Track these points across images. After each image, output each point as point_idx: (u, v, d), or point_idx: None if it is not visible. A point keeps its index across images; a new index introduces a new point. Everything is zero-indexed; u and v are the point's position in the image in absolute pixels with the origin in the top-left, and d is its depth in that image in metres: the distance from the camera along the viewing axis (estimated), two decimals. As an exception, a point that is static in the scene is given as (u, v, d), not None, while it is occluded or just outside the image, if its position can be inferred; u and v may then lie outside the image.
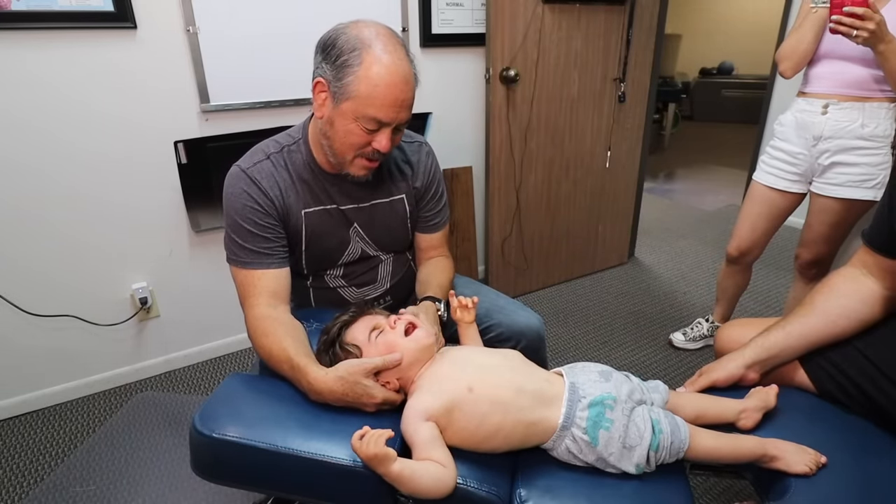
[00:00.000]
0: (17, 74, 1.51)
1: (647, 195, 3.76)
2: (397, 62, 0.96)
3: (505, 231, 2.41)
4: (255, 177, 1.06)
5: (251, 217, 1.05)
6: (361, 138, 1.01)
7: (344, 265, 1.19)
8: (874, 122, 1.45)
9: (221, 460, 0.83)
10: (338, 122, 1.01)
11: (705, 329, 2.05)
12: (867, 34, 1.27)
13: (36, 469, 1.57)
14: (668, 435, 0.83)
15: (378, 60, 0.95)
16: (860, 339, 0.99)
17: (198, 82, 1.73)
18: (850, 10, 1.26)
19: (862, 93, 1.45)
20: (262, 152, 1.10)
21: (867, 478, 0.84)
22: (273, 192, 1.07)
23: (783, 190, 1.64)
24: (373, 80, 0.95)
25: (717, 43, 6.82)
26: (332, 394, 0.87)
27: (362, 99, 0.96)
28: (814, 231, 1.63)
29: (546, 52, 2.20)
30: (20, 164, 1.58)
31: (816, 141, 1.52)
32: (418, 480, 0.76)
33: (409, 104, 1.01)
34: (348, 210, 1.14)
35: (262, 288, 1.05)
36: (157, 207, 1.80)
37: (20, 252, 1.65)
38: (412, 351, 0.90)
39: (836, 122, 1.48)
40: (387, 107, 0.97)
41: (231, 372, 1.99)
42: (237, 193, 1.06)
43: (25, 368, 1.77)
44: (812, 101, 1.53)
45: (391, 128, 1.01)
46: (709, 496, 1.45)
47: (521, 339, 1.16)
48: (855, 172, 1.49)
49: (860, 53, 1.39)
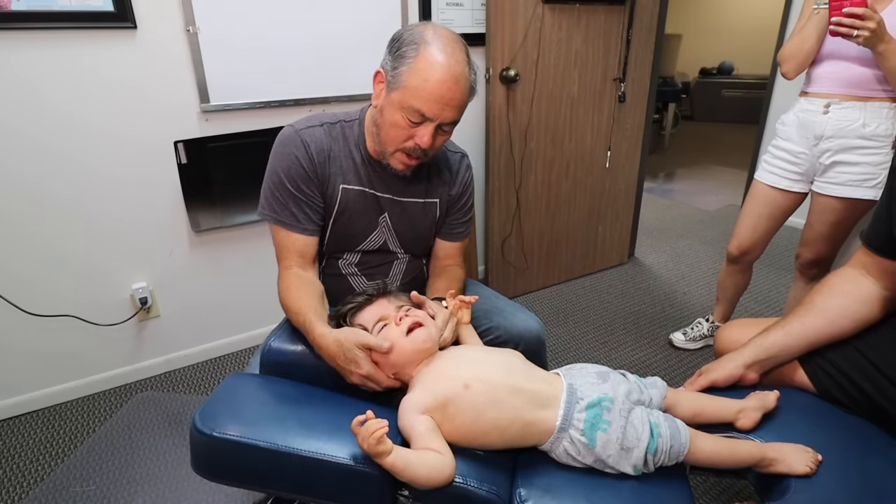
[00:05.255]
0: (17, 74, 1.51)
1: (647, 195, 3.76)
2: (451, 62, 0.99)
3: (505, 231, 2.41)
4: (306, 139, 1.10)
5: (295, 179, 1.10)
6: (405, 131, 1.03)
7: (362, 252, 1.21)
8: (875, 122, 1.45)
9: (222, 459, 0.83)
10: (386, 111, 1.04)
11: (705, 329, 2.05)
12: (868, 34, 1.27)
13: (36, 469, 1.57)
14: (667, 439, 0.83)
15: (432, 56, 0.98)
16: (859, 339, 1.00)
17: (198, 82, 1.73)
18: (850, 10, 1.26)
19: (863, 92, 1.45)
20: (318, 119, 1.14)
21: (866, 478, 0.84)
22: (319, 157, 1.11)
23: (785, 189, 1.64)
24: (423, 73, 0.98)
25: (717, 43, 6.82)
26: (327, 352, 0.93)
27: (410, 90, 0.99)
28: (815, 230, 1.63)
29: (546, 52, 2.20)
30: (20, 164, 1.58)
31: (818, 140, 1.53)
32: (413, 469, 0.77)
33: (456, 104, 1.02)
34: (383, 199, 1.17)
35: (296, 250, 1.12)
36: (157, 207, 1.81)
37: (20, 252, 1.65)
38: (407, 351, 0.90)
39: (838, 121, 1.48)
40: (432, 101, 0.99)
41: (231, 372, 2.00)
42: (286, 153, 1.10)
43: (25, 368, 1.77)
44: (814, 101, 1.53)
45: (434, 124, 1.02)
46: (709, 496, 1.45)
47: (520, 343, 1.15)
48: (856, 172, 1.49)
49: (862, 53, 1.39)
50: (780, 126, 1.65)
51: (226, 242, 1.96)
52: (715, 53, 6.85)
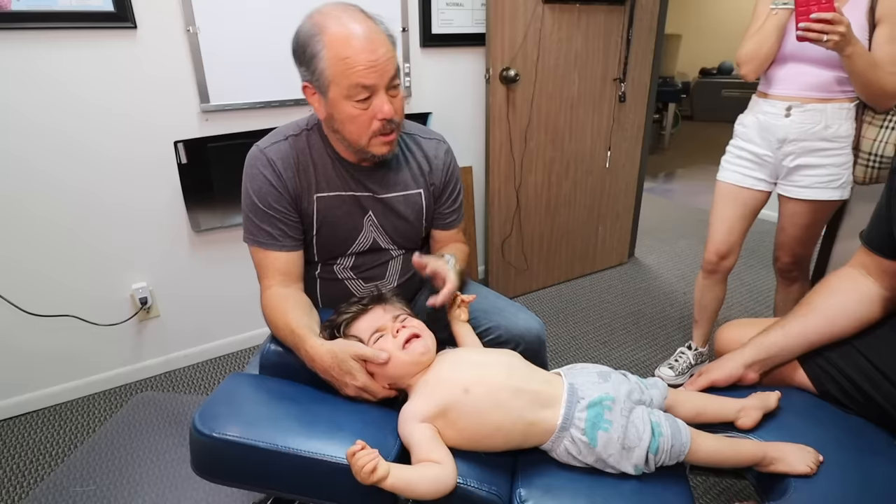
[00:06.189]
0: (17, 74, 1.51)
1: (647, 195, 3.76)
2: (356, 26, 0.96)
3: (505, 231, 2.41)
4: (272, 157, 1.09)
5: (266, 198, 1.09)
6: (363, 115, 1.01)
7: (355, 255, 1.20)
8: (837, 123, 1.44)
9: (221, 460, 0.83)
10: (336, 112, 1.02)
11: (691, 357, 1.93)
12: (837, 38, 1.24)
13: (36, 469, 1.57)
14: (668, 438, 0.83)
15: (337, 34, 0.96)
16: (859, 339, 1.00)
17: (198, 82, 1.73)
18: (819, 15, 1.22)
19: (825, 94, 1.43)
20: (282, 133, 1.13)
21: (866, 477, 0.84)
22: (287, 173, 1.09)
23: (751, 188, 1.62)
24: (341, 54, 0.96)
25: (717, 43, 6.81)
26: (321, 364, 0.92)
27: (341, 75, 0.97)
28: (787, 234, 1.62)
29: (546, 52, 2.20)
30: (20, 165, 1.58)
31: (781, 143, 1.51)
32: (414, 486, 0.76)
33: (386, 59, 0.99)
34: (364, 198, 1.15)
35: (276, 269, 1.11)
36: (157, 207, 1.81)
37: (20, 252, 1.65)
38: (404, 363, 0.90)
39: (801, 124, 1.46)
40: (365, 70, 0.96)
41: (231, 372, 1.99)
42: (254, 174, 1.09)
43: (25, 368, 1.77)
44: (774, 104, 1.51)
45: (382, 90, 1.00)
46: (709, 496, 1.45)
47: (521, 343, 1.14)
48: (822, 174, 1.48)
49: (824, 56, 1.37)
50: (740, 127, 1.63)
51: (226, 242, 1.96)
52: (715, 53, 6.84)
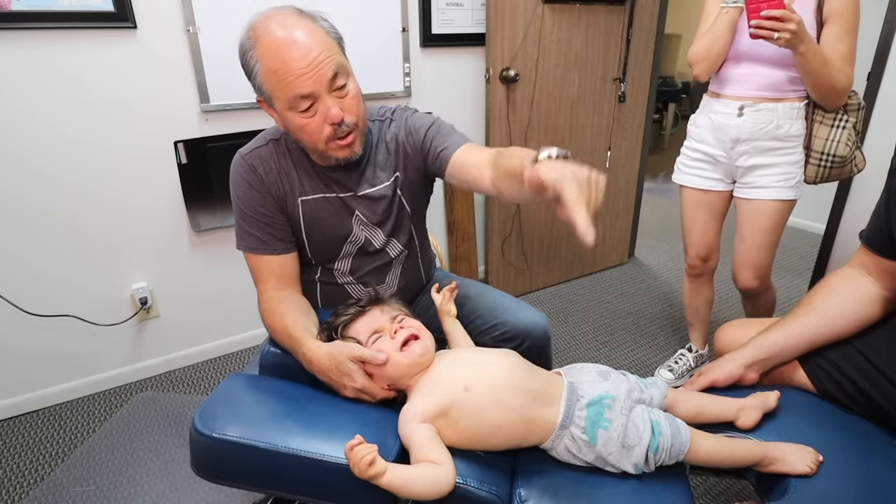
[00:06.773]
0: (17, 75, 1.51)
1: (647, 195, 3.76)
2: (284, 33, 0.92)
3: (505, 231, 2.41)
4: (254, 163, 1.08)
5: (252, 204, 1.08)
6: (312, 121, 0.97)
7: (351, 257, 1.19)
8: (788, 123, 1.43)
9: (221, 460, 0.83)
10: (287, 124, 1.01)
11: (690, 360, 1.93)
12: (789, 35, 1.23)
13: (36, 469, 1.57)
14: (668, 437, 0.83)
15: (267, 46, 0.92)
16: (859, 339, 1.00)
17: (198, 82, 1.73)
18: (769, 13, 1.22)
19: (777, 94, 1.43)
20: (264, 138, 1.12)
21: (866, 477, 0.84)
22: (269, 178, 1.08)
23: (711, 189, 1.62)
24: (271, 67, 0.92)
25: (717, 43, 6.80)
26: (319, 366, 0.91)
27: (276, 89, 0.94)
28: (749, 242, 1.58)
29: (546, 52, 2.20)
30: (20, 165, 1.58)
31: (734, 143, 1.50)
32: (411, 486, 0.76)
33: (321, 61, 0.92)
34: (347, 198, 1.14)
35: (270, 273, 1.11)
36: (158, 207, 1.81)
37: (20, 252, 1.65)
38: (403, 364, 0.89)
39: (753, 123, 1.46)
40: (298, 79, 0.92)
41: (231, 372, 1.99)
42: (238, 181, 1.09)
43: (25, 368, 1.77)
44: (727, 103, 1.50)
45: (326, 93, 0.95)
46: (709, 496, 1.45)
47: (527, 338, 1.14)
48: (776, 173, 1.48)
49: (777, 55, 1.37)
50: (693, 128, 1.62)
51: (226, 242, 1.96)
52: (715, 53, 6.84)
